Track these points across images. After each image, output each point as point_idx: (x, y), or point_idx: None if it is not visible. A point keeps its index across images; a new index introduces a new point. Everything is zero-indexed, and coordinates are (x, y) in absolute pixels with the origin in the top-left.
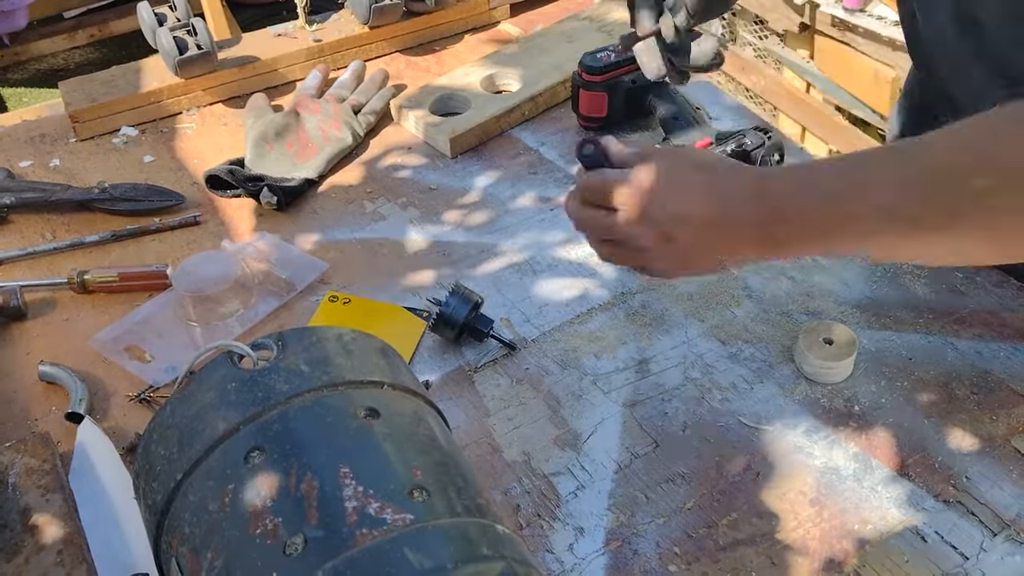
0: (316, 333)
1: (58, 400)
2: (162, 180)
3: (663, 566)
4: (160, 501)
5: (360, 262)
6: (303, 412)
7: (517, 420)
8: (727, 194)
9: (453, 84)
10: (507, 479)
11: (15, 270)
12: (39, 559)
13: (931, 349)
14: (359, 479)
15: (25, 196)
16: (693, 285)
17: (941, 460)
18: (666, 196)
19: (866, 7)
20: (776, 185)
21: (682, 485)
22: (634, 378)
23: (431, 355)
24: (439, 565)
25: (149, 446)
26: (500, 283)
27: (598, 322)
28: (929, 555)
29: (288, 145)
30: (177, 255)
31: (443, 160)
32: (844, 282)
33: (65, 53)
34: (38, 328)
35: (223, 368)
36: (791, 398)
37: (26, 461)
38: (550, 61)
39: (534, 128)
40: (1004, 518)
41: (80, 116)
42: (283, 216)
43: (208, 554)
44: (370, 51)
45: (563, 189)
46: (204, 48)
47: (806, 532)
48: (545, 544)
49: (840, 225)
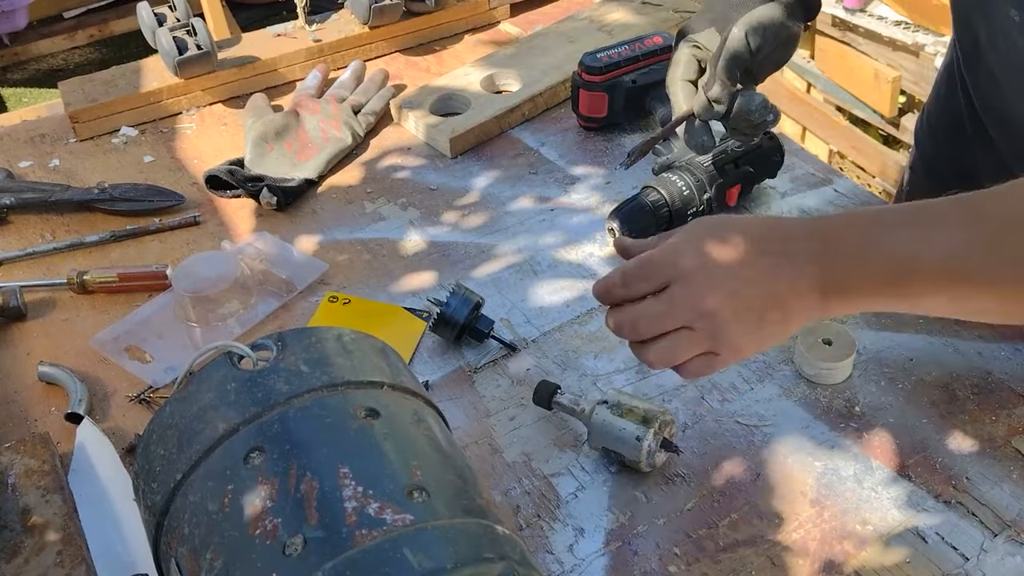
0: (316, 333)
1: (58, 400)
2: (162, 180)
3: (663, 567)
4: (159, 502)
5: (360, 262)
6: (303, 413)
7: (517, 420)
8: (786, 268)
9: (453, 84)
10: (507, 480)
11: (15, 270)
12: (39, 560)
13: (932, 350)
14: (359, 479)
15: (25, 196)
16: None
17: (942, 461)
18: (716, 256)
19: (866, 7)
20: (837, 259)
21: (682, 486)
22: (634, 379)
23: (431, 355)
24: (439, 566)
25: (149, 446)
26: (500, 284)
27: (598, 322)
28: (930, 556)
29: (288, 145)
30: (177, 255)
31: (443, 160)
32: None
33: (65, 53)
34: (38, 328)
35: (223, 369)
36: (791, 399)
37: (26, 462)
38: (550, 61)
39: (534, 128)
40: (1005, 519)
41: (80, 116)
42: (283, 216)
43: (208, 555)
44: (370, 51)
45: (563, 189)
46: (204, 48)
47: (806, 533)
48: (545, 545)
49: (904, 288)
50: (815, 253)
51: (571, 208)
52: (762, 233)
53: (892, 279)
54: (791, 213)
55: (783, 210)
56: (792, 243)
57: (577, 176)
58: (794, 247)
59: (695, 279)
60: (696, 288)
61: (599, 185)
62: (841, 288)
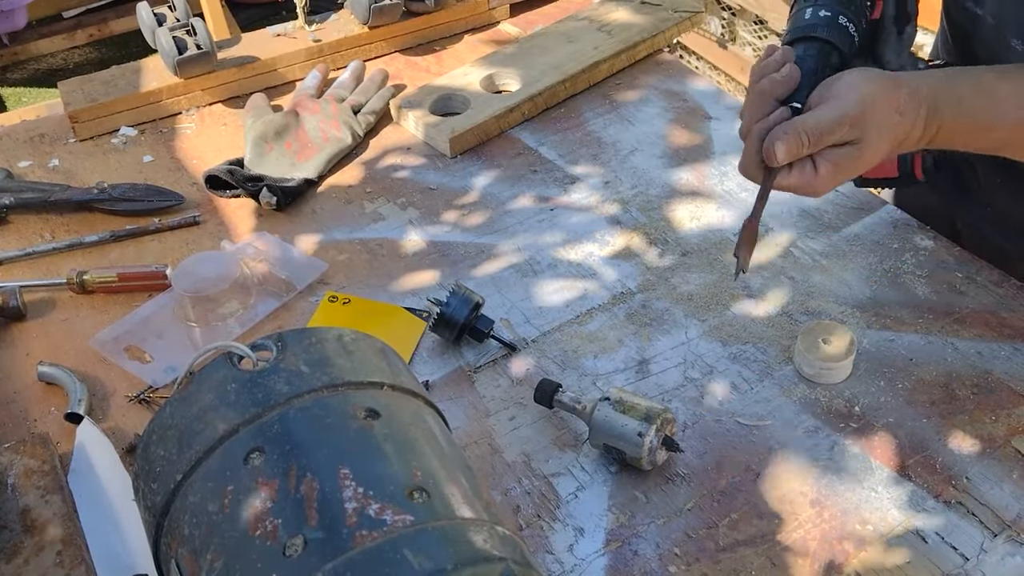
0: (316, 334)
1: (57, 401)
2: (161, 180)
3: (663, 567)
4: (159, 502)
5: (360, 262)
6: (303, 413)
7: (517, 420)
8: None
9: (453, 84)
10: (507, 480)
11: (14, 270)
12: (38, 560)
13: (931, 349)
14: (359, 480)
15: (24, 196)
16: (693, 285)
17: (941, 461)
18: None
19: None
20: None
21: (682, 486)
22: (634, 378)
23: (431, 355)
24: (439, 567)
25: (148, 447)
26: (500, 283)
27: (598, 322)
28: (930, 556)
29: (287, 145)
30: (176, 255)
31: (442, 160)
32: (844, 282)
33: (64, 53)
34: (37, 328)
35: (223, 369)
36: (791, 398)
37: (25, 462)
38: (549, 61)
39: (534, 128)
40: (1004, 519)
41: (79, 116)
42: (282, 216)
43: (208, 555)
44: (370, 51)
45: (563, 189)
46: (203, 48)
47: (806, 533)
48: (545, 545)
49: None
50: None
51: (571, 208)
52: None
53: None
54: (791, 213)
55: (783, 210)
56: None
57: (577, 176)
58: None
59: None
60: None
61: (598, 185)
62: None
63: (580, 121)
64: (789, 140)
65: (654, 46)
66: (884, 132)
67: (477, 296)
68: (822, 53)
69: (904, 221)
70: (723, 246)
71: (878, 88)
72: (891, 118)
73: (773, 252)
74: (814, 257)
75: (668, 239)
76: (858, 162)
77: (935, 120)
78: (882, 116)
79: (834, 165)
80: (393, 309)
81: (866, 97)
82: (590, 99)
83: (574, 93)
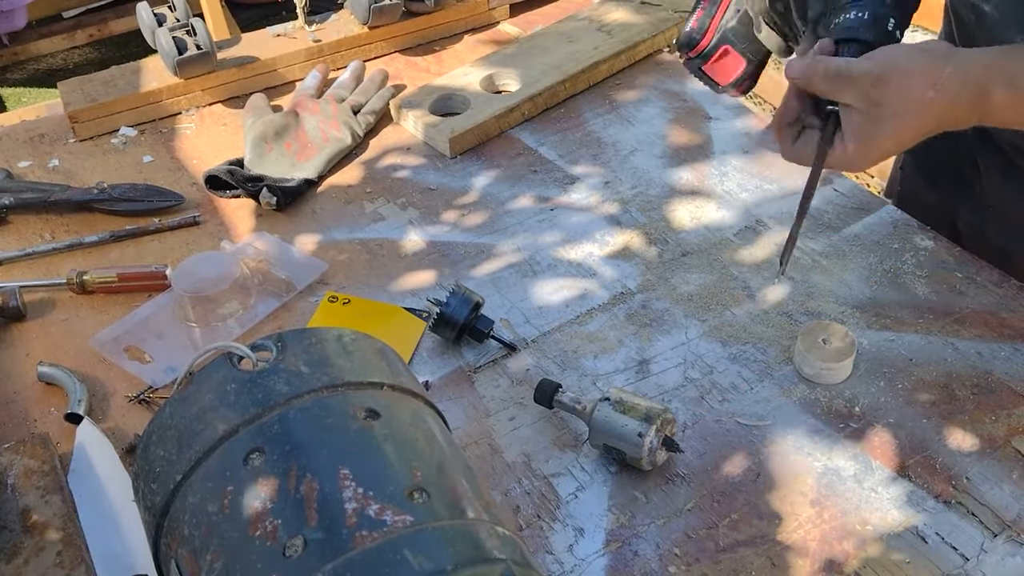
0: (316, 334)
1: (57, 401)
2: (161, 180)
3: (663, 567)
4: (159, 503)
5: (359, 262)
6: (303, 413)
7: (517, 420)
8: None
9: (452, 84)
10: (507, 480)
11: (14, 271)
12: (38, 560)
13: (931, 349)
14: (359, 481)
15: (24, 196)
16: (693, 285)
17: (941, 461)
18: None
19: None
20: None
21: (682, 486)
22: (634, 379)
23: (431, 355)
24: (439, 567)
25: (148, 447)
26: (500, 284)
27: (598, 322)
28: (930, 556)
29: (287, 145)
30: (176, 256)
31: (442, 160)
32: (844, 282)
33: (64, 53)
34: (37, 329)
35: (223, 369)
36: (791, 399)
37: (25, 462)
38: (549, 61)
39: (534, 128)
40: (1004, 519)
41: (79, 116)
42: (282, 216)
43: (208, 556)
44: (369, 51)
45: (563, 189)
46: (203, 48)
47: (806, 533)
48: (545, 545)
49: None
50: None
51: (571, 208)
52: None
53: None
54: (791, 213)
55: (783, 210)
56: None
57: (577, 176)
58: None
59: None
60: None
61: (598, 185)
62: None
63: (580, 121)
64: (807, 61)
65: (654, 46)
66: (910, 105)
67: (477, 296)
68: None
69: (904, 221)
70: (723, 246)
71: (916, 62)
72: (923, 93)
73: (773, 252)
74: (814, 257)
75: (668, 239)
76: (883, 130)
77: (984, 99)
78: (910, 88)
79: (858, 129)
80: (393, 309)
81: (898, 65)
82: (590, 99)
83: (574, 93)
